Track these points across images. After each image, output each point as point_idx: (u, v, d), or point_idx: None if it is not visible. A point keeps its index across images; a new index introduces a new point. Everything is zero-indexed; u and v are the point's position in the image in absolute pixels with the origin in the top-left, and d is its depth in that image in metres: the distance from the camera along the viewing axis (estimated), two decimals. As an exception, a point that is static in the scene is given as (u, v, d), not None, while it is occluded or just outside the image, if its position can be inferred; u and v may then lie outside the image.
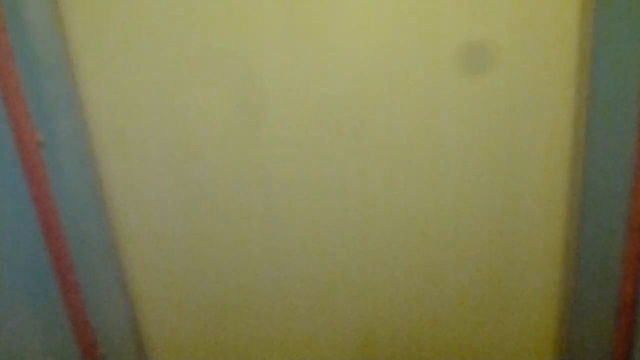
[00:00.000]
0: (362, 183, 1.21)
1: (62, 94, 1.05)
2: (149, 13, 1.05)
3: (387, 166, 1.20)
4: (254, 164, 1.17)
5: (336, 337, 1.37)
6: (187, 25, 1.06)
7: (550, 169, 1.23)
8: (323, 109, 1.14)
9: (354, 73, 1.12)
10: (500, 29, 1.10)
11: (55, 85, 1.04)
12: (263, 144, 1.16)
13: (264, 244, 1.25)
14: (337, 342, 1.37)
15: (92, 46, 1.06)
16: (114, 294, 1.23)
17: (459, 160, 1.21)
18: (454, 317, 1.37)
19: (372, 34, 1.09)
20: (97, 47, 1.06)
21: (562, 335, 1.38)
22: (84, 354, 1.13)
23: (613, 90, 1.10)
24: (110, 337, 1.22)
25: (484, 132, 1.19)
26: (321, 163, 1.18)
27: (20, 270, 1.05)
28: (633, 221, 1.03)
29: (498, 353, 1.41)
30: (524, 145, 1.20)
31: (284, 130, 1.15)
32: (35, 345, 1.10)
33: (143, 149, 1.14)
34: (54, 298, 1.08)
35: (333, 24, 1.08)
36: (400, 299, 1.33)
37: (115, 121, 1.12)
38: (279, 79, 1.11)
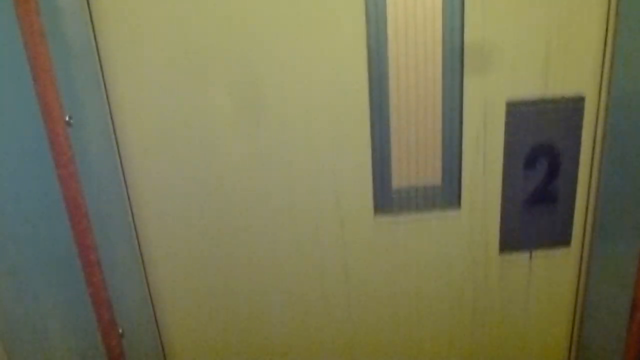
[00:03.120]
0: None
1: (89, 77, 1.08)
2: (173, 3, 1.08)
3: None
4: (262, 154, 1.20)
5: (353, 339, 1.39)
6: (204, 22, 1.09)
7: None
8: (323, 109, 1.17)
9: (354, 72, 1.14)
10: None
11: (83, 68, 1.07)
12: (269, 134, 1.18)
13: (278, 229, 1.27)
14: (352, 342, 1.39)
15: (117, 33, 1.09)
16: (133, 274, 1.26)
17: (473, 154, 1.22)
18: (464, 317, 1.37)
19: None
20: (122, 34, 1.09)
21: (575, 336, 1.37)
22: (104, 332, 1.16)
23: (635, 89, 1.09)
24: (129, 316, 1.25)
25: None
26: (326, 161, 1.21)
27: (44, 248, 1.08)
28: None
29: (510, 352, 1.41)
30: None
31: (287, 125, 1.18)
32: (58, 322, 1.13)
33: (163, 134, 1.17)
34: (76, 276, 1.12)
35: (332, 23, 1.11)
36: (403, 289, 1.34)
37: (137, 105, 1.15)
38: (281, 78, 1.14)
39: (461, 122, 1.18)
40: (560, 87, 1.16)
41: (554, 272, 1.34)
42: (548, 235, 1.29)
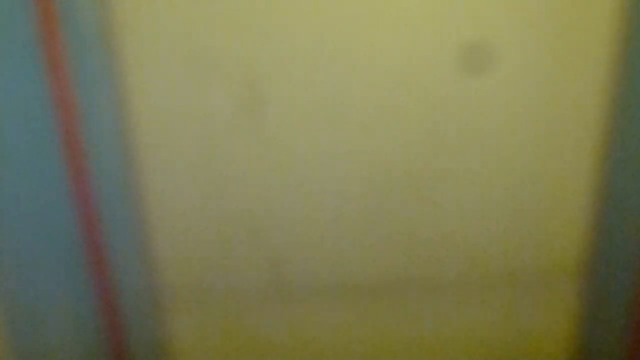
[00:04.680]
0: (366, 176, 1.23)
1: (103, 65, 1.08)
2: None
3: (387, 163, 1.22)
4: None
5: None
6: (223, 17, 1.09)
7: (569, 168, 1.23)
8: (324, 110, 1.16)
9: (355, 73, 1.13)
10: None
11: (97, 57, 1.07)
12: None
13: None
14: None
15: (134, 22, 1.09)
16: (138, 261, 1.26)
17: (471, 155, 1.21)
18: (465, 314, 1.38)
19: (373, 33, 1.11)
20: (140, 24, 1.09)
21: (577, 336, 1.38)
22: (105, 316, 1.17)
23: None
24: (132, 303, 1.26)
25: (507, 130, 1.19)
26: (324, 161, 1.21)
27: (50, 231, 1.09)
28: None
29: (511, 352, 1.42)
30: (544, 143, 1.21)
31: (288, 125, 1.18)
32: (59, 307, 1.15)
33: (175, 124, 1.18)
34: (81, 260, 1.13)
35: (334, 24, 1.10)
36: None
37: (150, 96, 1.15)
38: (282, 78, 1.13)
39: None
40: None
41: None
42: None
